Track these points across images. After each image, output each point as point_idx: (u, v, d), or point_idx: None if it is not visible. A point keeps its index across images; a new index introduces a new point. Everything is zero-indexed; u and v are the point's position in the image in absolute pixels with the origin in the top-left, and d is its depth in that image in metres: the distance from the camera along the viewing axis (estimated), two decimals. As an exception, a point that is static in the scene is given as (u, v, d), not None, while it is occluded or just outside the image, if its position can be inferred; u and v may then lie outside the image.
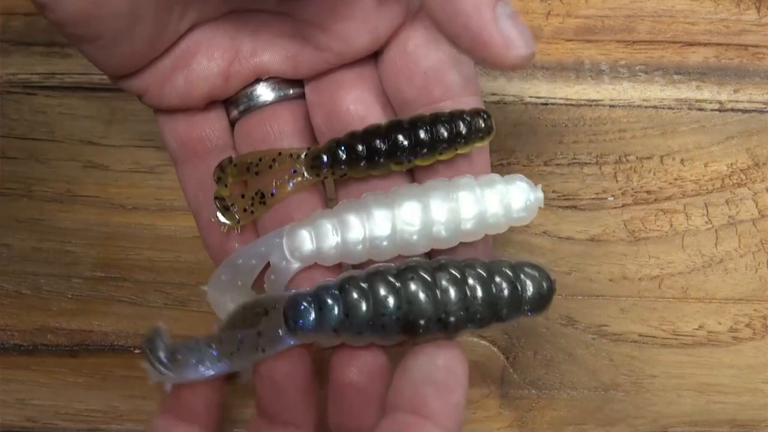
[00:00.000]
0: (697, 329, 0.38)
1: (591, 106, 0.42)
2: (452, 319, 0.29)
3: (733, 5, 0.43)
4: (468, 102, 0.32)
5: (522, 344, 0.38)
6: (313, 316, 0.29)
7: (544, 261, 0.39)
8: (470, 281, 0.29)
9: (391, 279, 0.29)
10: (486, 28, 0.27)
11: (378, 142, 0.31)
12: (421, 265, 0.29)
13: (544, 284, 0.30)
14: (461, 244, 0.32)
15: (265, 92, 0.33)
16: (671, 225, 0.40)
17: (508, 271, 0.30)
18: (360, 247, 0.31)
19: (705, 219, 0.40)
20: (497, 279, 0.29)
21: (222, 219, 0.32)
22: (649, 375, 0.38)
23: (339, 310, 0.29)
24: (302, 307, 0.29)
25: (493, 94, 0.42)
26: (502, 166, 0.40)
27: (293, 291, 0.30)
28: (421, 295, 0.29)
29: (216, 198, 0.32)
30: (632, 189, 0.40)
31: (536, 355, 0.38)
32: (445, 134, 0.31)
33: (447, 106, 0.32)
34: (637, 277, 0.39)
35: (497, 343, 0.38)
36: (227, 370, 0.30)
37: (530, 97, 0.42)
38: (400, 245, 0.31)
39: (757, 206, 0.40)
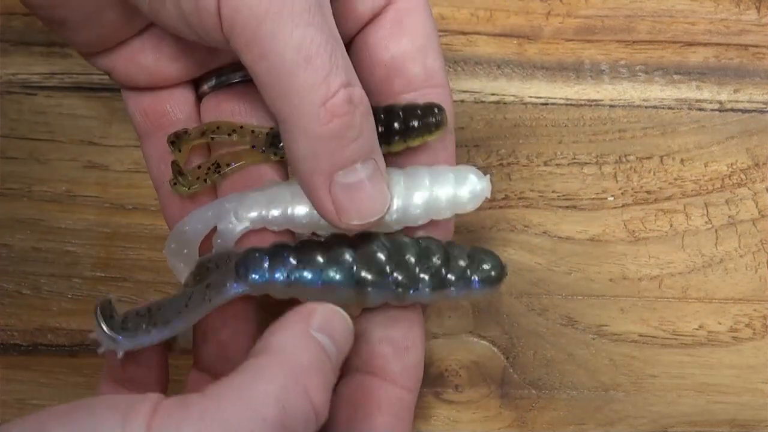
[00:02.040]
0: (697, 329, 0.38)
1: (591, 106, 0.42)
2: (402, 277, 0.29)
3: (733, 5, 0.43)
4: (431, 94, 0.32)
5: (522, 344, 0.38)
6: (266, 264, 0.29)
7: (543, 261, 0.39)
8: (424, 245, 0.30)
9: (347, 237, 0.29)
10: (316, 193, 0.28)
11: None
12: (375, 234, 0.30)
13: (496, 262, 0.30)
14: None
15: (235, 70, 0.33)
16: (671, 225, 0.40)
17: (462, 247, 0.30)
18: (305, 221, 0.31)
19: (705, 219, 0.40)
20: (451, 250, 0.30)
21: (175, 185, 0.32)
22: (649, 375, 0.38)
23: (292, 259, 0.29)
24: (256, 255, 0.29)
25: (493, 94, 0.42)
26: (502, 166, 0.40)
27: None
28: (376, 252, 0.29)
29: (172, 162, 0.32)
30: (632, 189, 0.40)
31: (536, 355, 0.38)
32: (397, 127, 0.31)
33: (410, 98, 0.32)
34: (637, 277, 0.39)
35: (497, 343, 0.38)
36: (179, 329, 0.29)
37: (530, 97, 0.42)
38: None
39: (757, 206, 0.40)
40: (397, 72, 0.32)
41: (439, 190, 0.31)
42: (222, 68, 0.34)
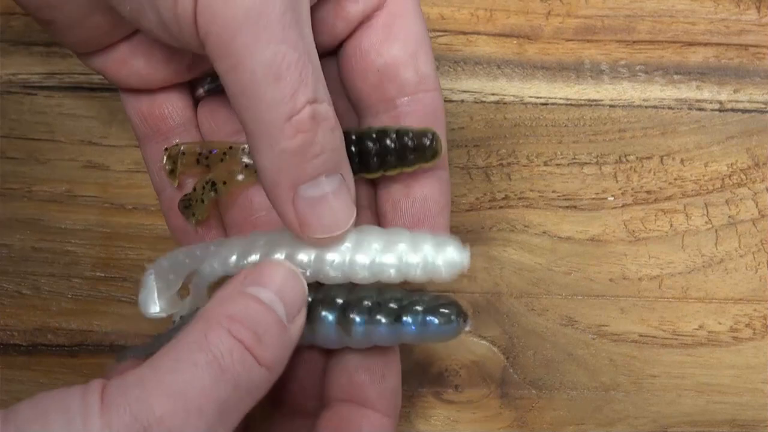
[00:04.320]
0: (697, 329, 0.38)
1: (591, 106, 0.42)
2: (348, 301, 0.29)
3: (733, 5, 0.43)
4: (424, 98, 0.32)
5: (522, 344, 0.38)
6: None
7: (543, 261, 0.39)
8: (381, 288, 0.30)
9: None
10: (280, 206, 0.28)
11: None
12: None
13: (450, 301, 0.29)
14: None
15: None
16: (671, 225, 0.40)
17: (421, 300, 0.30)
18: None
19: (705, 219, 0.40)
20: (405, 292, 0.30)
21: (190, 219, 0.33)
22: (649, 375, 0.38)
23: None
24: None
25: (493, 94, 0.42)
26: (502, 166, 0.40)
27: None
28: (336, 288, 0.30)
29: (179, 202, 0.33)
30: (632, 189, 0.40)
31: (536, 355, 0.38)
32: (392, 147, 0.31)
33: (403, 102, 0.32)
34: (637, 277, 0.39)
35: (497, 343, 0.38)
36: None
37: (530, 97, 0.42)
38: (320, 278, 0.31)
39: (757, 206, 0.40)
40: (390, 78, 0.32)
41: (413, 257, 0.30)
42: (215, 72, 0.34)
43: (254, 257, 0.31)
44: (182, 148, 0.32)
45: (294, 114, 0.27)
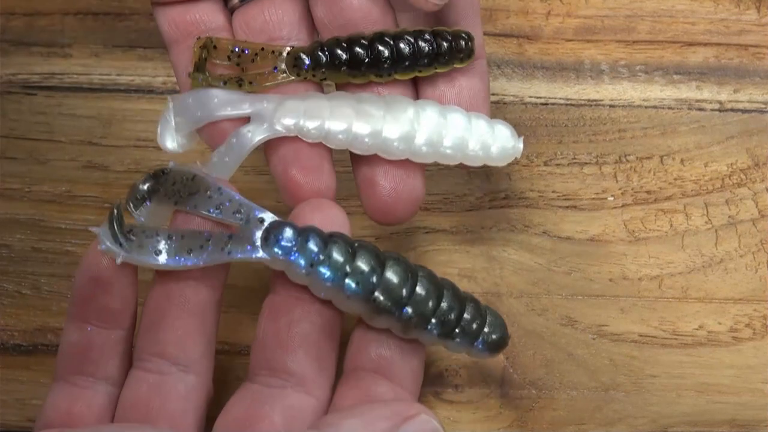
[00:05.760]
0: (697, 329, 0.38)
1: (591, 106, 0.42)
2: (414, 317, 0.30)
3: (733, 5, 0.43)
4: None
5: (522, 344, 0.38)
6: (294, 243, 0.29)
7: (543, 261, 0.39)
8: (444, 293, 0.30)
9: (375, 255, 0.30)
10: None
11: (360, 51, 0.32)
12: (404, 259, 0.30)
13: (501, 329, 0.31)
14: None
15: None
16: (671, 225, 0.40)
17: (479, 306, 0.31)
18: (341, 137, 0.32)
19: (705, 219, 0.40)
20: (468, 306, 0.31)
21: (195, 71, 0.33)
22: (649, 375, 0.38)
23: (318, 251, 0.29)
24: (287, 230, 0.29)
25: (493, 94, 0.42)
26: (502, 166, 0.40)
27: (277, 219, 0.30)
28: (394, 279, 0.29)
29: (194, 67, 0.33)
30: (632, 189, 0.40)
31: (536, 355, 0.38)
32: (427, 50, 0.32)
33: (440, 3, 0.33)
34: (637, 277, 0.39)
35: (497, 343, 0.38)
36: (183, 266, 0.29)
37: (530, 97, 0.42)
38: (380, 147, 0.32)
39: (757, 206, 0.40)
40: None
41: (472, 138, 0.32)
42: None
43: (317, 123, 0.31)
44: (214, 41, 0.32)
45: None
